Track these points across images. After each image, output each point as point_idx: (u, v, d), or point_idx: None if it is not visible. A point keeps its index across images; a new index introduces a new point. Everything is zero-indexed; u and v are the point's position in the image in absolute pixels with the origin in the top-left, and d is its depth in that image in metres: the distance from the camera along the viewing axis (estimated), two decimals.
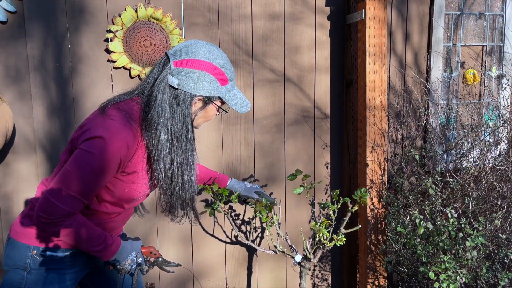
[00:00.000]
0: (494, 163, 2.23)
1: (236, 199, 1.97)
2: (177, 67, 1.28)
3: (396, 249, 2.11)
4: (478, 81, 2.59)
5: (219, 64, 1.31)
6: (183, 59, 1.29)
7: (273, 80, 2.36)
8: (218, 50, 1.34)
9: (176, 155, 1.34)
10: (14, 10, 1.98)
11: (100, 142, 1.21)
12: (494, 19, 2.59)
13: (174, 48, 1.33)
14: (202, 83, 1.29)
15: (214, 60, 1.30)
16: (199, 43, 1.33)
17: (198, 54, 1.29)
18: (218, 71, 1.31)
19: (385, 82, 2.19)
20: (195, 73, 1.28)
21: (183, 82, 1.28)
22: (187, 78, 1.28)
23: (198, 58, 1.29)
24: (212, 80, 1.30)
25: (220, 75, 1.32)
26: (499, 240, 1.91)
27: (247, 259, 2.50)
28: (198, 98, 1.32)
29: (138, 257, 1.46)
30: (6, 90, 2.05)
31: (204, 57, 1.29)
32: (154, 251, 1.54)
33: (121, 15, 2.07)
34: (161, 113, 1.29)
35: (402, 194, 2.23)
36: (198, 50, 1.29)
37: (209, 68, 1.30)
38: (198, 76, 1.28)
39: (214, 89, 1.31)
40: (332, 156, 2.51)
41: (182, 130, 1.33)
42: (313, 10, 2.36)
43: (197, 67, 1.28)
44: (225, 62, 1.33)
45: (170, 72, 1.29)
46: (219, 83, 1.32)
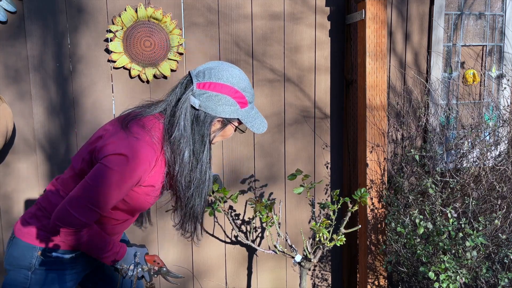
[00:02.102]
0: (494, 163, 2.23)
1: (236, 199, 1.97)
2: (199, 89, 1.32)
3: (396, 249, 2.11)
4: (478, 81, 2.59)
5: (241, 88, 1.34)
6: (206, 82, 1.32)
7: (273, 80, 2.36)
8: (240, 73, 1.37)
9: (196, 173, 1.38)
10: (14, 10, 1.98)
11: (123, 160, 1.25)
12: (494, 19, 2.59)
13: (198, 69, 1.37)
14: (223, 105, 1.32)
15: (236, 84, 1.34)
16: (223, 66, 1.37)
17: (221, 77, 1.32)
18: (239, 95, 1.35)
19: (385, 82, 2.19)
20: (217, 96, 1.32)
21: (204, 103, 1.32)
22: (209, 101, 1.32)
23: (220, 82, 1.32)
24: (232, 103, 1.34)
25: (240, 98, 1.35)
26: (499, 240, 1.91)
27: (247, 259, 2.50)
28: (218, 120, 1.36)
29: (142, 264, 1.49)
30: (6, 90, 2.05)
31: (226, 81, 1.32)
32: (158, 260, 1.56)
33: (121, 15, 2.07)
34: (184, 133, 1.33)
35: (402, 194, 2.23)
36: (221, 74, 1.33)
37: (231, 92, 1.33)
38: (220, 99, 1.32)
39: (233, 112, 1.35)
40: (332, 156, 2.51)
41: (200, 150, 1.37)
42: (313, 10, 2.36)
43: (219, 90, 1.32)
44: (246, 86, 1.37)
45: (193, 93, 1.33)
46: (239, 105, 1.35)
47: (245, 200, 2.42)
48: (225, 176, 2.38)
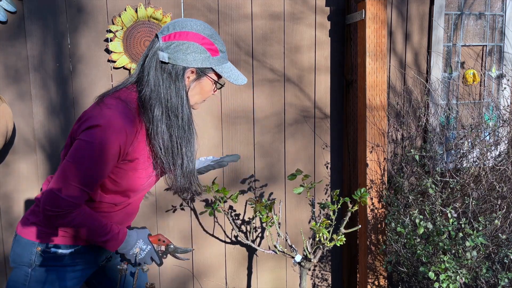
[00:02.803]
0: (494, 163, 2.23)
1: (236, 199, 1.97)
2: (165, 42, 1.29)
3: (396, 249, 2.11)
4: (478, 81, 2.59)
5: (207, 35, 1.31)
6: (171, 33, 1.30)
7: (273, 80, 2.36)
8: (204, 22, 1.35)
9: (174, 130, 1.33)
10: (14, 10, 1.98)
11: (97, 130, 1.22)
12: (494, 19, 2.59)
13: (163, 27, 1.35)
14: (191, 53, 1.29)
15: (201, 31, 1.31)
16: (186, 18, 1.35)
17: (185, 26, 1.30)
18: (206, 41, 1.31)
19: (385, 82, 2.19)
20: (184, 44, 1.28)
21: (173, 55, 1.29)
22: (177, 51, 1.28)
23: (185, 30, 1.29)
24: (202, 50, 1.30)
25: (209, 45, 1.31)
26: (499, 240, 1.91)
27: (247, 259, 2.50)
28: (191, 70, 1.32)
29: (146, 244, 1.44)
30: (6, 90, 2.05)
31: (191, 29, 1.30)
32: (163, 238, 1.51)
33: (121, 15, 2.07)
34: (154, 89, 1.30)
35: (402, 194, 2.23)
36: (185, 23, 1.30)
37: (197, 38, 1.30)
38: (187, 47, 1.29)
39: (205, 60, 1.31)
40: (332, 156, 2.51)
41: (178, 104, 1.32)
42: (313, 10, 2.36)
43: (184, 38, 1.29)
44: (213, 34, 1.33)
45: (160, 48, 1.30)
46: (209, 53, 1.31)
47: (245, 200, 2.42)
48: (225, 176, 2.38)
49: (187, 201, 2.35)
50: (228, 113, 2.32)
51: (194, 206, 2.36)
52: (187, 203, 2.35)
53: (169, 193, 2.31)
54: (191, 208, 2.36)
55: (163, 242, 1.51)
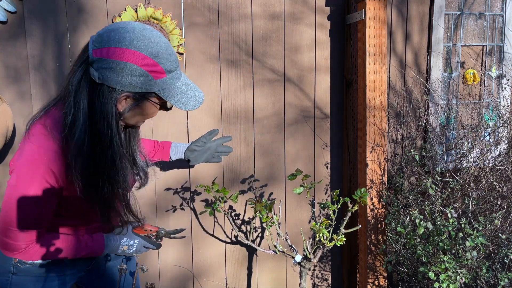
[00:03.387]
0: (494, 163, 2.23)
1: (236, 199, 1.97)
2: (96, 57, 1.05)
3: (396, 249, 2.11)
4: (478, 81, 2.59)
5: (151, 53, 1.06)
6: (104, 47, 1.05)
7: (273, 80, 2.36)
8: (152, 35, 1.08)
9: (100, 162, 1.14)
10: (14, 10, 1.98)
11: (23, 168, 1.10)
12: (494, 19, 2.59)
13: (98, 32, 1.09)
14: (127, 76, 1.06)
15: (143, 48, 1.06)
16: (126, 27, 1.07)
17: (121, 41, 1.04)
18: (148, 61, 1.06)
19: (385, 82, 2.19)
20: (118, 64, 1.04)
21: (104, 75, 1.05)
22: (109, 71, 1.05)
23: (121, 46, 1.04)
24: (141, 73, 1.06)
25: (151, 66, 1.07)
26: (499, 240, 1.91)
27: (247, 259, 2.50)
28: (126, 95, 1.10)
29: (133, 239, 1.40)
30: (6, 90, 2.05)
31: (130, 45, 1.04)
32: (149, 227, 1.47)
33: (121, 15, 2.07)
34: (77, 110, 1.09)
35: (402, 194, 2.23)
36: (122, 36, 1.05)
37: (136, 58, 1.05)
38: (122, 68, 1.05)
39: (144, 84, 1.08)
40: (332, 156, 2.51)
41: (106, 133, 1.11)
42: (313, 10, 2.36)
43: (120, 56, 1.04)
44: (160, 50, 1.08)
45: (90, 62, 1.07)
46: (151, 76, 1.08)
47: (245, 200, 2.42)
48: (225, 176, 2.38)
49: (187, 201, 2.35)
50: (228, 113, 2.32)
51: (194, 206, 2.36)
52: (187, 203, 2.35)
53: (169, 193, 2.31)
54: (191, 208, 2.36)
55: (150, 231, 1.47)
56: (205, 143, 1.82)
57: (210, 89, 2.28)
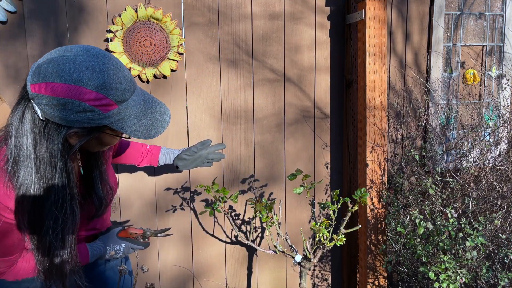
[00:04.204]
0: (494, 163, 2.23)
1: (236, 199, 1.97)
2: (35, 93, 0.94)
3: (396, 249, 2.11)
4: (478, 81, 2.59)
5: (95, 86, 0.94)
6: (42, 83, 0.93)
7: (273, 80, 2.36)
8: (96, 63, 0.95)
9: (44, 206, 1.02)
10: (14, 10, 1.98)
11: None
12: (494, 19, 2.59)
13: (38, 61, 0.97)
14: (72, 113, 0.94)
15: (85, 82, 0.93)
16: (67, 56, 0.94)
17: (61, 75, 0.92)
18: (93, 95, 0.94)
19: (385, 82, 2.19)
20: (59, 100, 0.92)
21: (47, 112, 0.94)
22: (51, 108, 0.93)
23: (60, 82, 0.92)
24: (86, 109, 0.94)
25: (97, 100, 0.94)
26: (499, 240, 1.91)
27: (247, 259, 2.50)
28: (75, 132, 0.99)
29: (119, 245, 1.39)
30: (6, 90, 2.05)
31: (69, 79, 0.92)
32: (134, 230, 1.47)
33: (121, 15, 2.07)
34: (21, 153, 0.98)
35: (402, 194, 2.23)
36: (61, 69, 0.92)
37: (78, 94, 0.93)
38: (64, 105, 0.93)
39: (93, 119, 0.96)
40: (332, 156, 2.51)
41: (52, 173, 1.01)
42: (313, 10, 2.36)
43: (59, 93, 0.92)
44: (107, 81, 0.95)
45: (31, 98, 0.96)
46: (99, 110, 0.95)
47: (245, 200, 2.42)
48: (225, 176, 2.38)
49: (187, 201, 2.35)
50: (228, 113, 2.32)
51: (194, 206, 2.36)
52: (187, 203, 2.35)
53: (169, 193, 2.31)
54: (191, 208, 2.36)
55: (135, 234, 1.47)
56: (196, 153, 1.81)
57: (210, 89, 2.28)
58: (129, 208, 2.26)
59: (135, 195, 2.26)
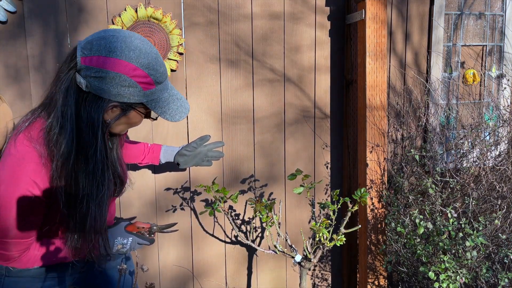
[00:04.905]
0: (494, 163, 2.23)
1: (236, 199, 1.97)
2: (85, 65, 1.02)
3: (396, 249, 2.11)
4: (478, 81, 2.60)
5: (142, 65, 1.05)
6: (93, 56, 1.02)
7: (273, 80, 2.36)
8: (143, 45, 1.06)
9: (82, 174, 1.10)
10: (14, 10, 1.98)
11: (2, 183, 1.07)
12: (494, 19, 2.59)
13: (87, 38, 1.06)
14: (117, 87, 1.03)
15: (134, 59, 1.04)
16: (117, 36, 1.04)
17: (112, 50, 1.02)
18: (139, 72, 1.05)
19: (385, 82, 2.19)
20: (108, 73, 1.02)
21: (93, 84, 1.03)
22: (99, 81, 1.02)
23: (112, 56, 1.02)
24: (130, 84, 1.04)
25: (142, 77, 1.05)
26: (499, 240, 1.91)
27: (247, 259, 2.50)
28: (114, 105, 1.08)
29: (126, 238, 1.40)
30: (6, 90, 2.05)
31: (120, 55, 1.02)
32: (141, 224, 1.48)
33: (121, 15, 2.07)
34: (62, 119, 1.06)
35: (402, 194, 2.23)
36: (113, 45, 1.02)
37: (127, 69, 1.03)
38: (112, 78, 1.02)
39: (133, 95, 1.07)
40: (332, 156, 2.51)
41: (91, 143, 1.08)
42: (313, 10, 2.36)
43: (110, 66, 1.02)
44: (151, 62, 1.06)
45: (78, 70, 1.04)
46: (140, 87, 1.06)
47: (245, 200, 2.42)
48: (225, 176, 2.38)
49: (187, 201, 2.35)
50: (228, 113, 2.33)
51: (194, 206, 2.36)
52: (187, 203, 2.35)
53: (169, 193, 2.31)
54: (191, 208, 2.36)
55: (142, 228, 1.47)
56: (196, 148, 1.81)
57: (210, 89, 2.28)
58: (129, 207, 2.26)
59: (135, 195, 2.26)
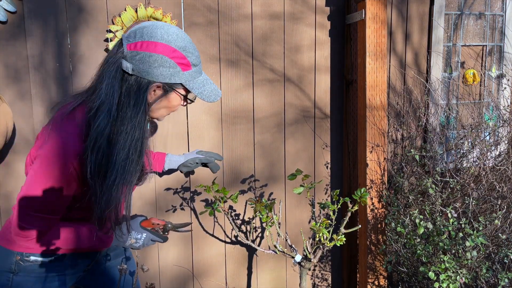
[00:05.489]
0: (494, 163, 2.23)
1: (236, 199, 1.97)
2: (130, 51, 1.17)
3: (396, 249, 2.11)
4: (478, 81, 2.60)
5: (179, 47, 1.18)
6: (137, 42, 1.16)
7: (273, 80, 2.36)
8: (179, 32, 1.20)
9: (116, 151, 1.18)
10: (14, 10, 1.98)
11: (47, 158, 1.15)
12: (494, 19, 2.59)
13: (129, 30, 1.20)
14: (159, 67, 1.16)
15: (173, 42, 1.17)
16: (157, 24, 1.18)
17: (154, 36, 1.16)
18: (177, 54, 1.18)
19: (385, 82, 2.19)
20: (151, 56, 1.15)
21: (137, 67, 1.16)
22: (142, 63, 1.16)
23: (153, 40, 1.16)
24: (171, 65, 1.18)
25: (180, 58, 1.19)
26: (499, 240, 1.91)
27: (247, 259, 2.50)
28: (157, 85, 1.20)
29: (140, 233, 1.44)
30: (6, 90, 2.05)
31: (161, 39, 1.16)
32: (156, 221, 1.50)
33: (121, 15, 2.07)
34: (106, 100, 1.16)
35: (402, 194, 2.23)
36: (154, 32, 1.16)
37: (167, 51, 1.16)
38: (155, 60, 1.16)
39: (173, 75, 1.19)
40: (332, 156, 2.51)
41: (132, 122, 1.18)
42: (313, 10, 2.36)
43: (152, 49, 1.16)
44: (187, 45, 1.20)
45: (124, 56, 1.17)
46: (179, 68, 1.19)
47: (245, 200, 2.42)
48: (225, 176, 2.38)
49: (187, 201, 2.35)
50: (228, 113, 2.33)
51: (194, 206, 2.36)
52: (187, 203, 2.35)
53: (169, 193, 2.31)
54: (191, 208, 2.36)
55: (157, 225, 1.49)
56: (199, 164, 1.93)
57: None
58: None
59: (135, 195, 2.26)
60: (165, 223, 1.51)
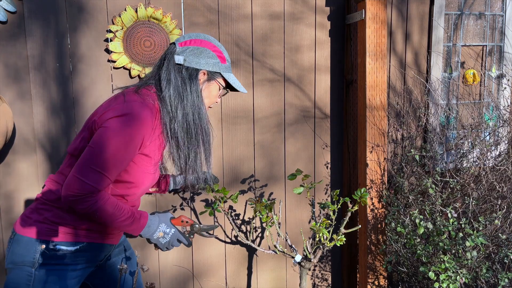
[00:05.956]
0: (494, 163, 2.23)
1: (236, 199, 1.97)
2: (181, 46, 1.48)
3: (396, 249, 2.11)
4: (478, 81, 2.60)
5: (217, 45, 1.52)
6: (187, 40, 1.50)
7: (273, 80, 2.36)
8: (212, 37, 1.58)
9: (191, 128, 1.46)
10: (14, 10, 1.98)
11: (124, 120, 1.30)
12: (494, 19, 2.59)
13: (178, 37, 1.56)
14: (204, 57, 1.47)
15: (212, 41, 1.52)
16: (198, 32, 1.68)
17: (198, 36, 1.52)
18: (217, 49, 1.51)
19: (385, 82, 2.19)
20: (198, 49, 1.47)
21: (188, 58, 1.46)
22: (192, 54, 1.46)
23: (199, 38, 1.50)
24: (213, 56, 1.49)
25: (219, 52, 1.51)
26: (499, 240, 1.91)
27: (247, 259, 2.50)
28: (203, 72, 1.48)
29: (170, 228, 1.51)
30: (6, 90, 2.05)
31: (204, 38, 1.51)
32: (186, 218, 1.55)
33: (121, 15, 2.07)
34: (175, 89, 1.44)
35: (402, 194, 2.23)
36: (198, 35, 1.52)
37: (209, 46, 1.50)
38: (201, 52, 1.47)
39: (215, 65, 1.49)
40: (332, 156, 2.51)
41: (197, 103, 1.47)
42: (313, 10, 2.36)
43: (199, 44, 1.49)
44: (221, 45, 1.54)
45: (176, 52, 1.47)
46: (219, 59, 1.50)
47: (245, 200, 2.42)
48: (225, 176, 2.38)
49: (187, 201, 2.35)
50: (228, 113, 2.33)
51: (194, 206, 2.36)
52: (187, 203, 2.35)
53: (169, 193, 2.31)
54: (191, 208, 2.36)
55: (186, 222, 1.54)
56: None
57: None
58: None
59: None
60: (193, 223, 1.57)
